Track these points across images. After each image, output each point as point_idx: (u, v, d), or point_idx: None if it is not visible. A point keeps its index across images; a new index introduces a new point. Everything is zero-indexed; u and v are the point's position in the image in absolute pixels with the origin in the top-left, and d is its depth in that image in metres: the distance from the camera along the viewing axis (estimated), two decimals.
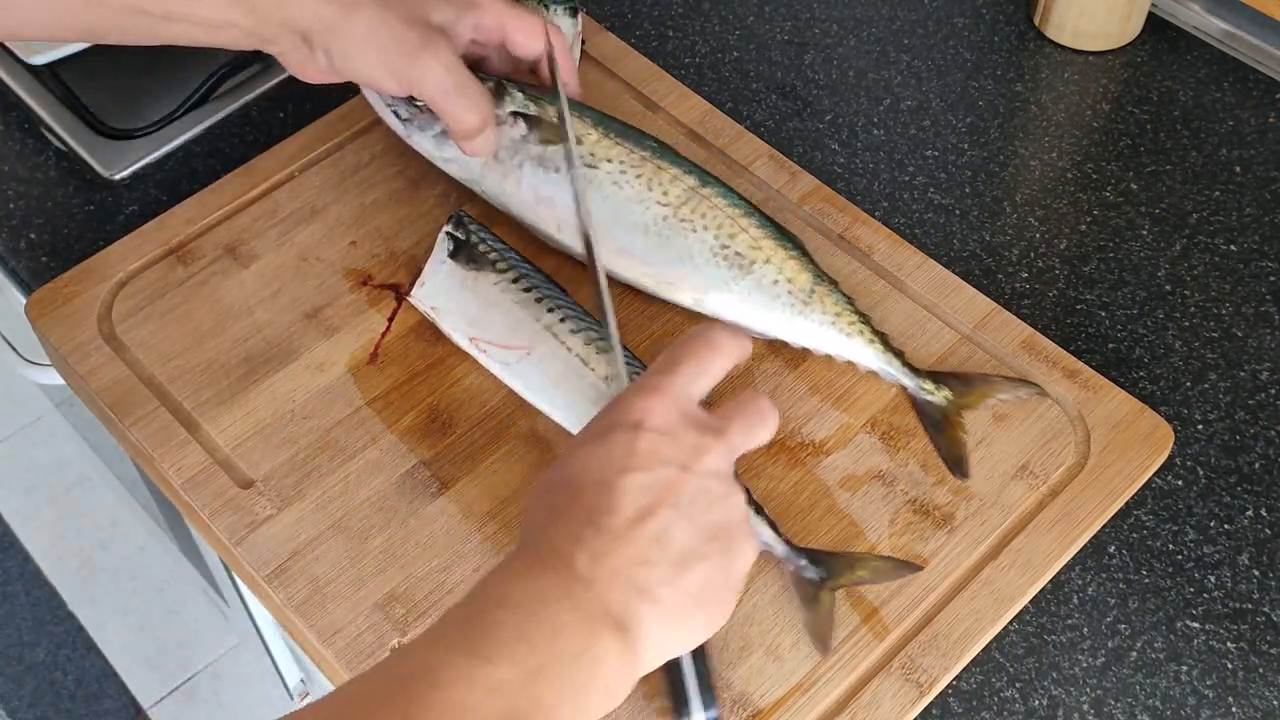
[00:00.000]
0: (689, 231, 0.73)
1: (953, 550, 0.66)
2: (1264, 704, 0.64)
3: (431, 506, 0.68)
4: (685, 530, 0.53)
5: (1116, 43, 0.91)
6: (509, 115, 0.75)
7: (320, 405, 0.72)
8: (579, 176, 0.70)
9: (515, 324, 0.71)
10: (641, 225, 0.73)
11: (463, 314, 0.72)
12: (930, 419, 0.70)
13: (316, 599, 0.65)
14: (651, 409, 0.55)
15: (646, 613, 0.52)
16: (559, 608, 0.50)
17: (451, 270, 0.73)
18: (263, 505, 0.68)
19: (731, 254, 0.72)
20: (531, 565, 0.52)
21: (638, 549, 0.52)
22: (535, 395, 0.70)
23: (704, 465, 0.55)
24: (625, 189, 0.73)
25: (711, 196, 0.73)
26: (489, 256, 0.73)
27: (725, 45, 0.92)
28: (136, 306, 0.76)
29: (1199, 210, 0.82)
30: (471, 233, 0.74)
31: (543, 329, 0.71)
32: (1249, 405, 0.74)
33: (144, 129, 0.86)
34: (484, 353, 0.71)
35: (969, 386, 0.71)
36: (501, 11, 0.74)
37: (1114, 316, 0.77)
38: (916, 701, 0.62)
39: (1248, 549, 0.68)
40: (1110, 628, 0.66)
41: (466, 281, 0.73)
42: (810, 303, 0.71)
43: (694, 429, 0.55)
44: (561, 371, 0.70)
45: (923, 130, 0.87)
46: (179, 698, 1.65)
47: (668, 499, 0.53)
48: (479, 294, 0.72)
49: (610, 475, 0.53)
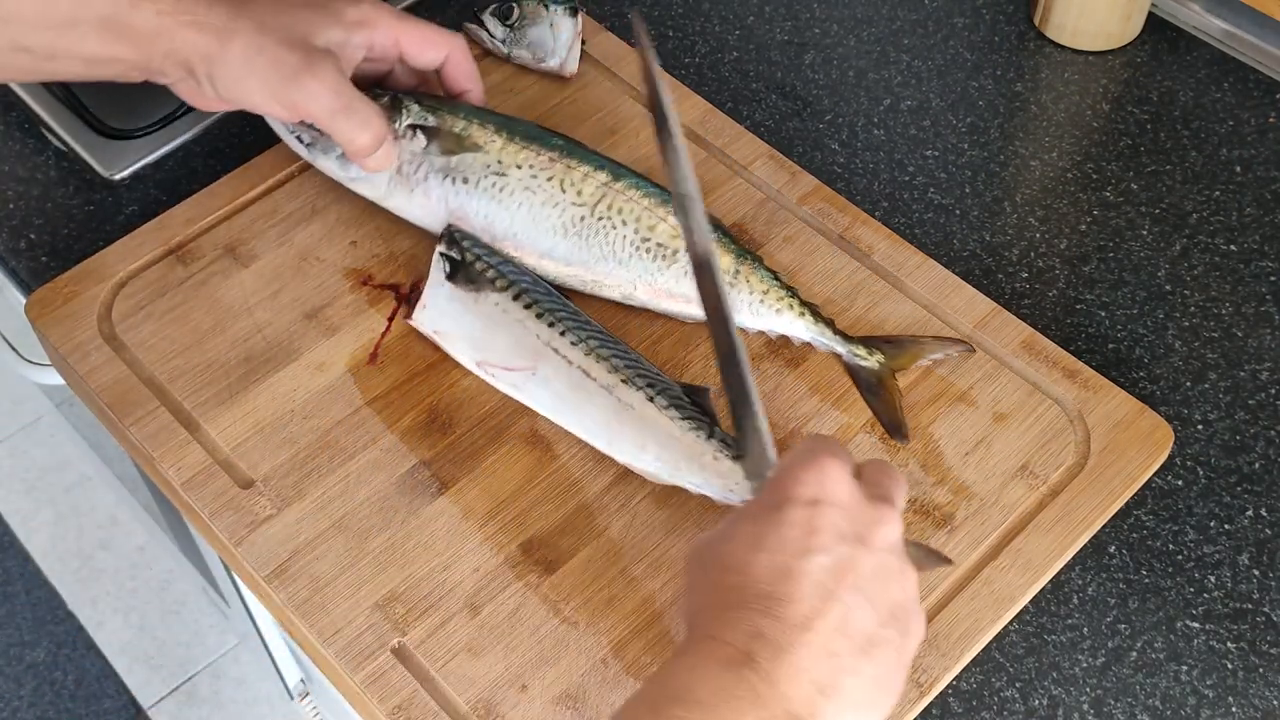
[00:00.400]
0: (609, 229, 0.73)
1: (953, 550, 0.66)
2: (1264, 704, 0.64)
3: (431, 506, 0.68)
4: (867, 615, 0.50)
5: (1116, 43, 0.91)
6: (406, 129, 0.75)
7: (320, 405, 0.72)
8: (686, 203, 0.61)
9: (517, 343, 0.71)
10: (560, 228, 0.74)
11: (467, 337, 0.72)
12: (866, 384, 0.72)
13: (316, 599, 0.65)
14: (827, 482, 0.52)
15: (830, 709, 0.49)
16: (741, 705, 0.48)
17: (451, 293, 0.72)
18: (263, 505, 0.68)
19: (654, 245, 0.73)
20: (710, 659, 0.49)
21: (821, 640, 0.49)
22: (549, 412, 0.70)
23: (882, 539, 0.52)
24: (538, 193, 0.74)
25: (625, 190, 0.74)
26: (487, 275, 0.72)
27: (725, 45, 0.92)
28: (136, 306, 0.76)
29: (1199, 210, 0.82)
30: (466, 250, 0.73)
31: (544, 345, 0.70)
32: (1249, 405, 0.74)
33: (144, 129, 0.86)
34: (492, 376, 0.71)
35: (900, 349, 0.72)
36: (394, 26, 0.73)
37: (1114, 316, 0.77)
38: (916, 701, 0.62)
39: (1248, 549, 0.68)
40: (1110, 628, 0.66)
41: (467, 303, 0.72)
42: (736, 283, 0.73)
43: (867, 501, 0.53)
44: (566, 386, 0.69)
45: (923, 130, 0.87)
46: (179, 698, 1.65)
47: (848, 579, 0.50)
48: (481, 315, 0.72)
49: (788, 559, 0.50)
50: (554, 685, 0.62)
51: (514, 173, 0.74)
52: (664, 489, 0.68)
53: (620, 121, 0.84)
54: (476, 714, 0.61)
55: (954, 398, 0.71)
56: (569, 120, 0.84)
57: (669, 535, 0.67)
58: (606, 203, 0.74)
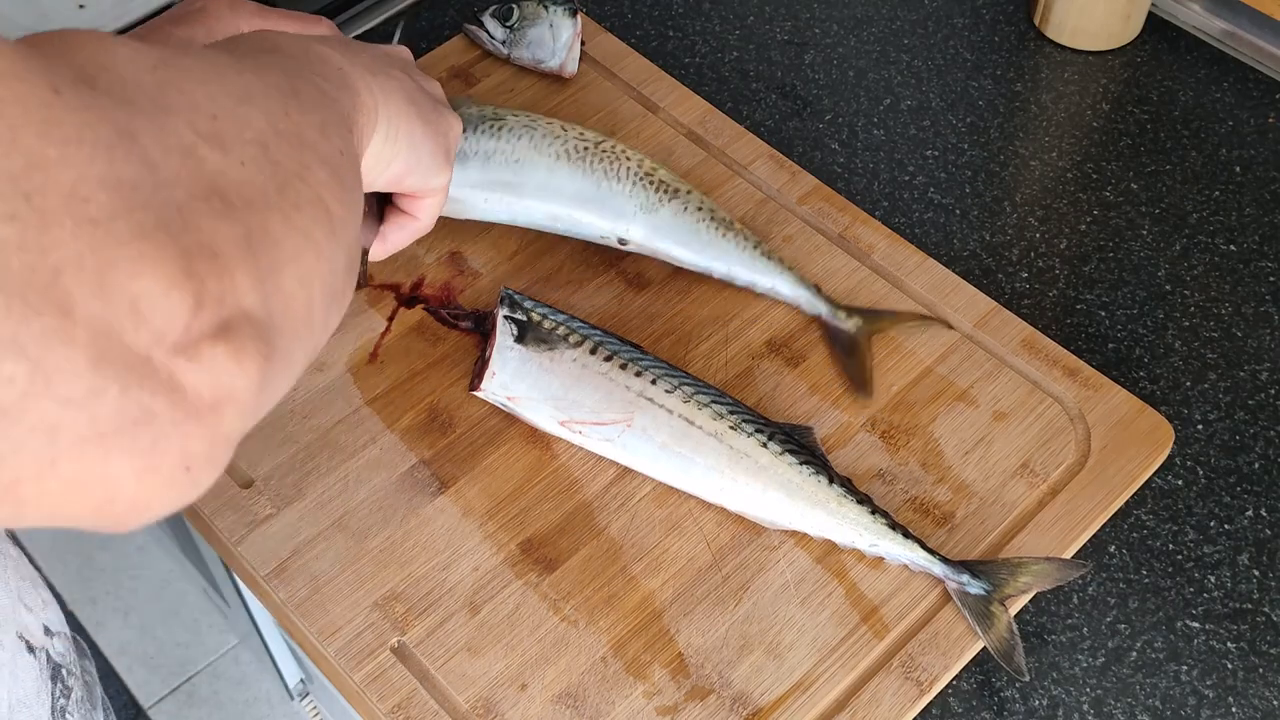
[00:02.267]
0: (611, 159, 0.76)
1: (953, 549, 0.66)
2: (1264, 704, 0.63)
3: (431, 506, 0.68)
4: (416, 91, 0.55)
5: (1116, 42, 0.91)
6: None
7: (320, 404, 0.72)
8: None
9: (607, 397, 0.68)
10: (564, 154, 0.75)
11: (547, 398, 0.69)
12: (842, 344, 0.73)
13: (316, 598, 0.65)
14: None
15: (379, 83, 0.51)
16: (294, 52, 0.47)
17: (523, 355, 0.69)
18: (262, 504, 0.68)
19: (657, 180, 0.75)
20: None
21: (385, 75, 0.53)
22: (647, 465, 0.68)
23: None
24: (538, 129, 0.76)
25: (625, 146, 0.77)
26: (559, 332, 0.70)
27: (725, 45, 0.92)
28: None
29: (1199, 210, 0.82)
30: (529, 311, 0.71)
31: (636, 396, 0.68)
32: (1249, 405, 0.74)
33: None
34: (580, 434, 0.68)
35: (877, 316, 0.74)
36: None
37: (1114, 316, 0.77)
38: (916, 700, 0.62)
39: (1248, 549, 0.68)
40: (1110, 628, 0.66)
41: (543, 364, 0.69)
42: (729, 234, 0.75)
43: None
44: (670, 437, 0.67)
45: (923, 130, 0.87)
46: (179, 698, 1.65)
47: None
48: (559, 375, 0.69)
49: None
50: (554, 684, 0.62)
51: (510, 119, 0.76)
52: (664, 488, 0.68)
53: (620, 122, 0.84)
54: (476, 713, 0.61)
55: (954, 396, 0.71)
56: (569, 120, 0.84)
57: (669, 534, 0.67)
58: (609, 144, 0.76)
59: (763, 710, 0.61)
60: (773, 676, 0.62)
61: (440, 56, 0.88)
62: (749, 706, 0.61)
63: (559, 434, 0.69)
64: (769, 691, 0.62)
